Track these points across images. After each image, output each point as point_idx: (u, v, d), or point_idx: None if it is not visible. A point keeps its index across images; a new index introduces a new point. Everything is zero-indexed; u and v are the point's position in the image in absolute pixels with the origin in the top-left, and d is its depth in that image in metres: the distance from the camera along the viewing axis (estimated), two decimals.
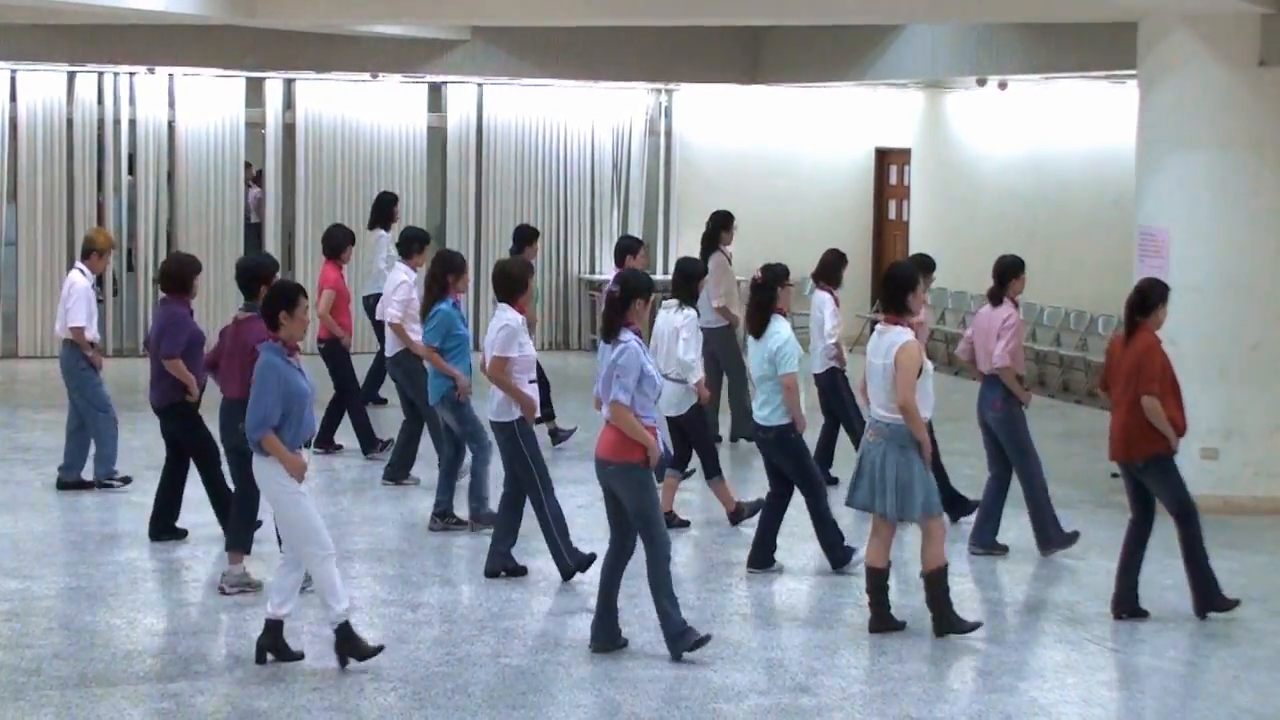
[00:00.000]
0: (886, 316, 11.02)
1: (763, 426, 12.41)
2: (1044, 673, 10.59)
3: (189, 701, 9.55)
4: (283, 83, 23.46)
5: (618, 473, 10.36)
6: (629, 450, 10.32)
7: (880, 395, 10.90)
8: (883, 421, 10.89)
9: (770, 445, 12.47)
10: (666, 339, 13.49)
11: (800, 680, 10.19)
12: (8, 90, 22.37)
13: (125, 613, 11.18)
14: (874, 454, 10.91)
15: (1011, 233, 22.58)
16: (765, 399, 12.34)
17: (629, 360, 10.29)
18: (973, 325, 13.42)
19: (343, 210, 23.36)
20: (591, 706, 9.65)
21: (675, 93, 25.13)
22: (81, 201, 22.70)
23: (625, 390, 10.26)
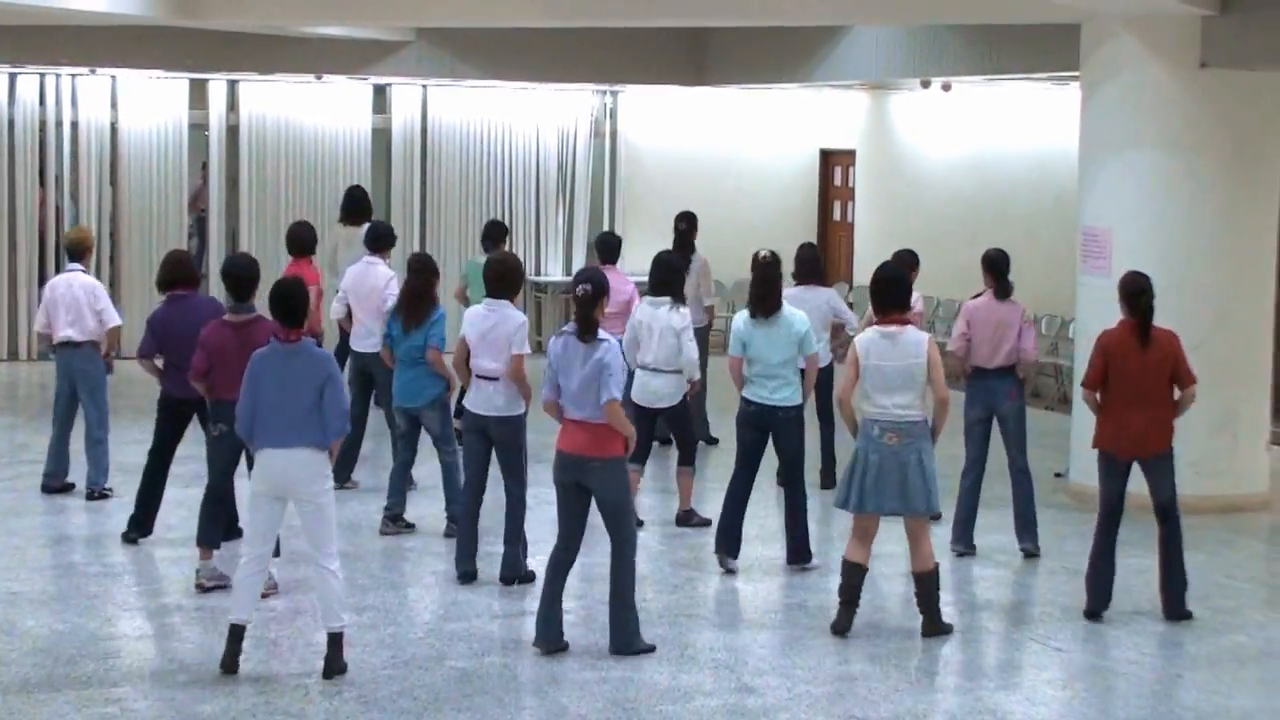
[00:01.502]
0: (891, 318, 10.99)
1: (783, 408, 12.48)
2: (989, 672, 10.63)
3: (132, 706, 9.50)
4: (226, 84, 23.37)
5: (601, 468, 10.41)
6: (612, 445, 10.42)
7: (900, 396, 10.89)
8: (905, 421, 10.89)
9: (791, 425, 12.56)
10: (657, 334, 13.51)
11: (746, 681, 10.20)
12: None
13: (69, 617, 11.11)
14: (903, 456, 10.86)
15: (956, 234, 22.70)
16: (785, 380, 12.45)
17: (616, 358, 10.44)
18: (970, 320, 13.27)
19: (287, 211, 23.30)
20: (537, 709, 9.65)
21: (620, 94, 25.16)
22: (23, 203, 22.56)
23: (619, 387, 10.39)
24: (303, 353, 10.05)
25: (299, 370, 10.00)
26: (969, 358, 13.26)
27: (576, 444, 10.47)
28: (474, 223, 24.13)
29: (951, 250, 22.55)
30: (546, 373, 10.60)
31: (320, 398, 9.97)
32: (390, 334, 13.50)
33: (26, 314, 22.41)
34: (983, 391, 13.27)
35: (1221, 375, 15.03)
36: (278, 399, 9.96)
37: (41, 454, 15.10)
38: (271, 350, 10.07)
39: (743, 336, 12.56)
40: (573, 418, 10.49)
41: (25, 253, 22.55)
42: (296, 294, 10.17)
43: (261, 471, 10.06)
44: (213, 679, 9.93)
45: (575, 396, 10.45)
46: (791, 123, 25.73)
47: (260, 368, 10.05)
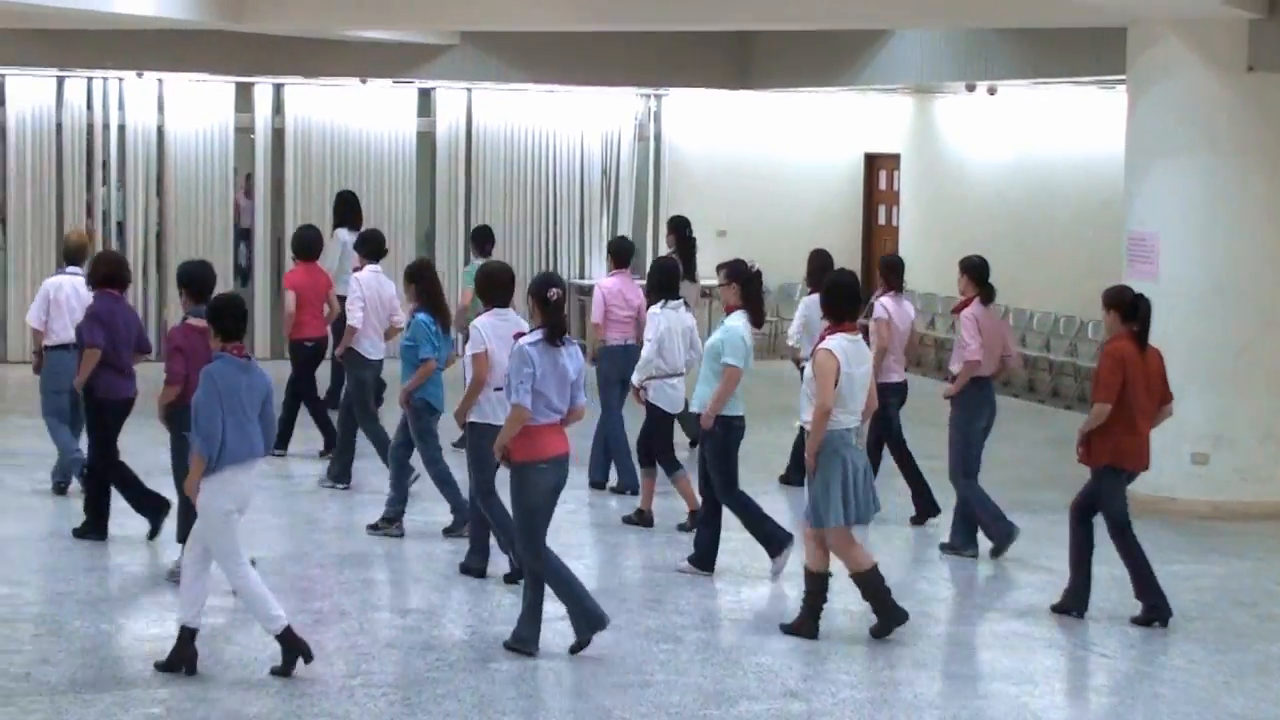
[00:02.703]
0: (850, 325, 10.91)
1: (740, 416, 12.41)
2: (1034, 678, 10.58)
3: (178, 707, 9.52)
4: (272, 87, 23.44)
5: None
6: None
7: (862, 401, 10.89)
8: (859, 428, 10.98)
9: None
10: (679, 338, 13.54)
11: (791, 686, 10.17)
12: None
13: (115, 618, 11.15)
14: (862, 461, 10.93)
15: (1001, 238, 22.61)
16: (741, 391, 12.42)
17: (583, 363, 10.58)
18: (981, 327, 13.14)
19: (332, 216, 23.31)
20: (582, 712, 9.63)
21: (664, 98, 25.15)
22: (70, 207, 22.67)
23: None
24: (254, 368, 10.05)
25: (255, 385, 9.99)
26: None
27: (563, 445, 10.49)
28: (519, 226, 24.21)
29: (996, 254, 22.45)
30: (525, 382, 10.26)
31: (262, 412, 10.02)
32: (435, 344, 13.29)
33: None
34: (985, 402, 13.20)
35: (1268, 380, 14.97)
36: (238, 415, 9.89)
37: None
38: (228, 365, 9.94)
39: (750, 347, 12.38)
40: (554, 421, 10.39)
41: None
42: (242, 306, 10.15)
43: (229, 491, 9.91)
44: (258, 681, 9.96)
45: (560, 400, 10.37)
46: (836, 126, 25.69)
47: (226, 383, 9.87)
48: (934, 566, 12.89)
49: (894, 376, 14.20)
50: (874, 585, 11.03)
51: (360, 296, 15.05)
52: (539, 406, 10.29)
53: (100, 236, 23.13)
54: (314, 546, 13.12)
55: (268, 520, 14.03)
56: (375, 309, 15.08)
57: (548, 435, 10.37)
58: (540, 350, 10.34)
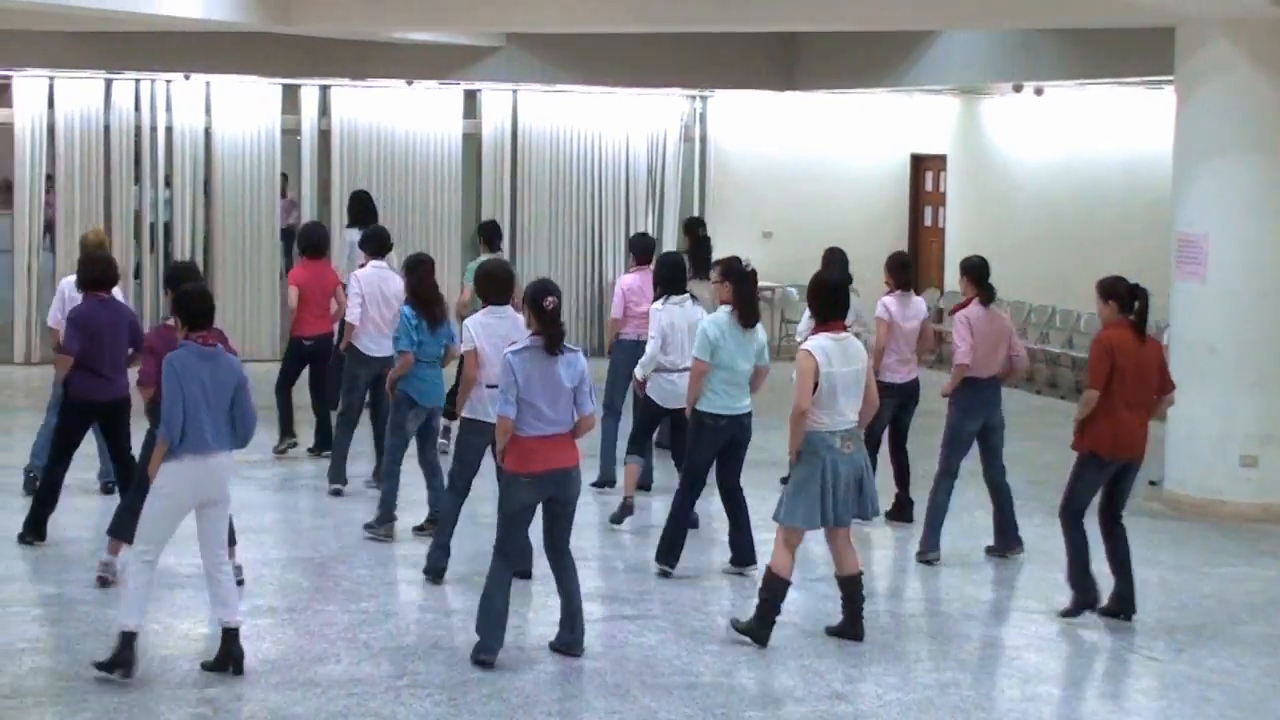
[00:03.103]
0: (839, 324, 10.82)
1: (747, 415, 12.30)
2: (1081, 681, 10.55)
3: (225, 706, 9.57)
4: (318, 89, 23.52)
5: (579, 475, 10.41)
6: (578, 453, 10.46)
7: (852, 402, 10.73)
8: (855, 426, 10.79)
9: (748, 434, 12.41)
10: (685, 333, 13.39)
11: (836, 688, 10.16)
12: (45, 97, 22.47)
13: (161, 618, 11.19)
14: (857, 461, 10.74)
15: (1048, 239, 22.58)
16: (745, 390, 12.30)
17: (588, 369, 10.36)
18: (973, 331, 12.97)
19: (380, 216, 23.40)
20: (627, 713, 9.63)
21: (710, 99, 25.14)
22: (119, 209, 22.78)
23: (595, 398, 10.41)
24: (220, 357, 10.01)
25: (218, 375, 9.95)
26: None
27: (557, 459, 10.22)
28: (564, 228, 24.23)
29: (1043, 256, 22.45)
30: (508, 391, 10.16)
31: (233, 403, 9.97)
32: (417, 339, 13.26)
33: None
34: (979, 404, 13.01)
35: None
36: (199, 404, 9.85)
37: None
38: (189, 353, 9.94)
39: (716, 342, 12.19)
40: (546, 434, 10.17)
41: (120, 256, 22.70)
42: (211, 299, 10.17)
43: (183, 477, 9.89)
44: (303, 680, 9.99)
45: (554, 411, 10.18)
46: (882, 127, 25.66)
47: (184, 371, 9.87)
48: (979, 569, 12.85)
49: (895, 376, 13.98)
50: (773, 593, 10.84)
51: (359, 293, 15.03)
52: (527, 417, 10.14)
53: (147, 240, 23.23)
54: (360, 547, 13.15)
55: (315, 521, 14.10)
56: (377, 305, 14.94)
57: (536, 448, 10.19)
58: (527, 359, 10.17)
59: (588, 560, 12.90)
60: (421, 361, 13.31)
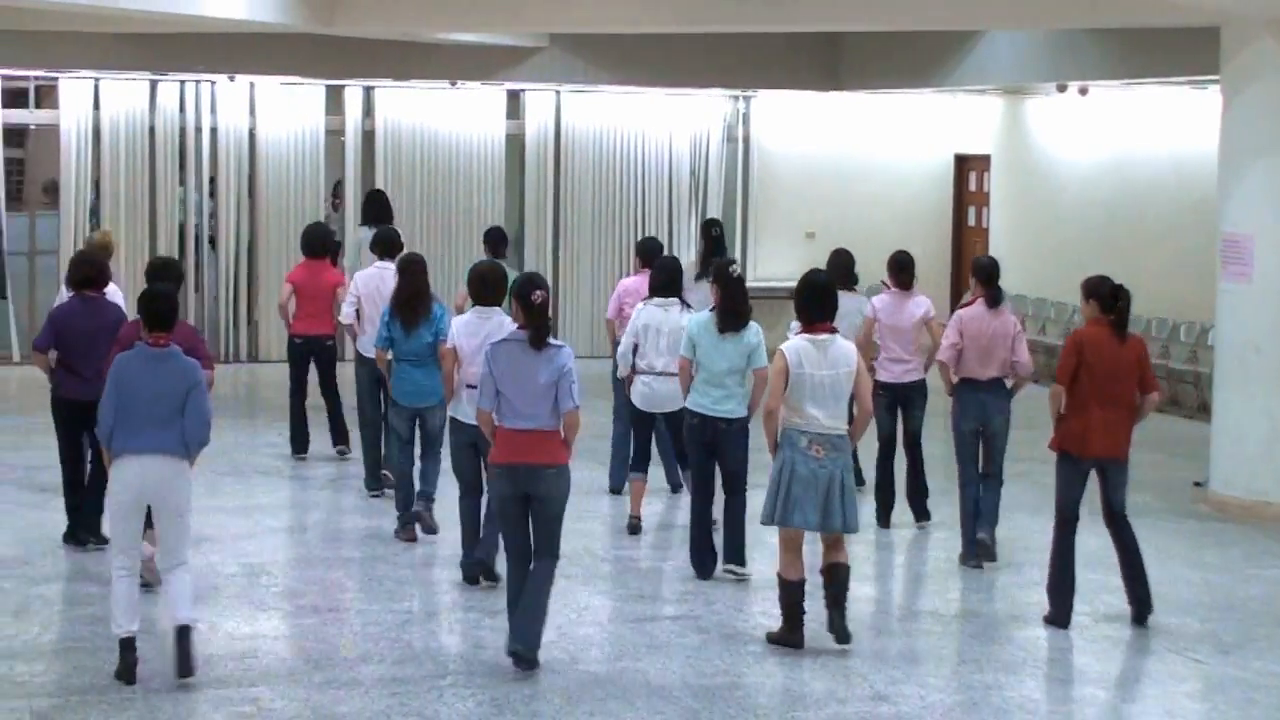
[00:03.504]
0: (823, 326, 10.66)
1: (726, 419, 12.14)
2: (1126, 683, 10.52)
3: (269, 706, 9.60)
4: (362, 90, 23.58)
5: (555, 475, 10.10)
6: (561, 451, 10.17)
7: (828, 407, 10.57)
8: (832, 434, 10.58)
9: (736, 436, 12.22)
10: (666, 336, 13.21)
11: (879, 688, 10.15)
12: (91, 99, 22.58)
13: (207, 617, 11.22)
14: (829, 469, 10.51)
15: (1092, 239, 22.48)
16: (729, 393, 12.14)
17: (575, 364, 10.19)
18: (963, 330, 12.85)
19: (421, 217, 23.54)
20: (670, 714, 9.63)
21: (754, 99, 25.12)
22: (164, 208, 22.87)
23: (580, 394, 10.16)
24: (170, 358, 9.85)
25: (165, 376, 9.80)
26: (958, 368, 12.89)
27: (528, 454, 10.05)
28: (607, 228, 24.25)
29: (1087, 256, 22.34)
30: (484, 382, 10.18)
31: (184, 406, 9.79)
32: (390, 336, 13.24)
33: None
34: (974, 404, 12.87)
35: None
36: (141, 404, 9.72)
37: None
38: (138, 353, 9.86)
39: (695, 339, 12.17)
40: (518, 427, 10.06)
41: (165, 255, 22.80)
42: (171, 299, 10.04)
43: (121, 478, 9.82)
44: (347, 680, 10.02)
45: (527, 406, 10.04)
46: (926, 128, 25.60)
47: (125, 370, 9.81)
48: (1024, 570, 12.81)
49: (885, 375, 13.79)
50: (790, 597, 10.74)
51: (356, 293, 14.98)
52: (504, 410, 10.11)
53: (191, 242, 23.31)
54: (404, 548, 13.17)
55: (360, 521, 14.11)
56: (375, 305, 14.56)
57: (508, 440, 10.11)
58: (507, 352, 10.12)
59: (633, 561, 12.91)
60: (402, 361, 13.20)
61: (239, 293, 23.22)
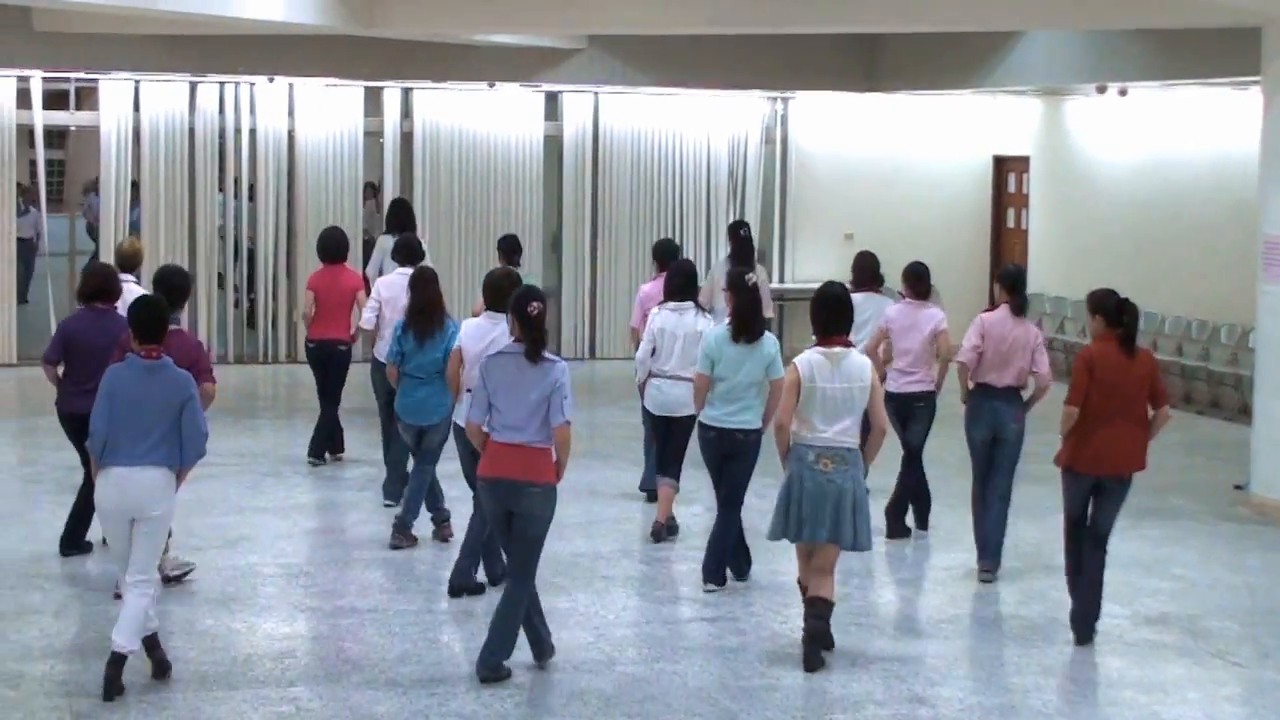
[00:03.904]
0: (838, 339, 10.49)
1: (742, 430, 11.97)
2: (1165, 686, 10.48)
3: (307, 706, 9.62)
4: (400, 92, 23.63)
5: (540, 494, 9.91)
6: (548, 470, 9.95)
7: (840, 421, 10.41)
8: (842, 448, 10.41)
9: (747, 450, 12.05)
10: (681, 340, 13.18)
11: (917, 691, 10.13)
12: (131, 100, 22.66)
13: (245, 617, 11.27)
14: (839, 484, 10.37)
15: (1132, 241, 22.43)
16: (746, 404, 11.99)
17: (568, 379, 10.02)
18: (984, 334, 12.66)
19: (460, 218, 23.57)
20: (707, 715, 9.64)
21: (792, 101, 25.11)
22: (203, 209, 22.94)
23: (572, 409, 9.96)
24: (163, 370, 9.69)
25: (159, 389, 9.67)
26: (976, 373, 12.71)
27: (512, 470, 9.89)
28: (645, 229, 24.23)
29: (1127, 258, 22.29)
30: (476, 394, 10.05)
31: (179, 418, 9.65)
32: (401, 350, 13.14)
33: (205, 315, 22.80)
34: (988, 412, 12.66)
35: None
36: (133, 416, 9.59)
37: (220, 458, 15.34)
38: (129, 365, 9.76)
39: (712, 355, 12.00)
40: (507, 441, 9.90)
41: (204, 257, 22.92)
42: (160, 311, 9.91)
43: (108, 491, 9.65)
44: (386, 680, 10.04)
45: (518, 420, 9.87)
46: (964, 129, 25.55)
47: (117, 383, 9.68)
48: (1060, 573, 12.75)
49: (890, 385, 13.50)
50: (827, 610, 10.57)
51: (378, 299, 14.94)
52: (499, 422, 9.96)
53: (231, 244, 23.40)
54: (440, 549, 13.20)
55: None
56: (396, 311, 14.33)
57: (494, 454, 9.96)
58: (501, 365, 9.99)
59: (671, 563, 12.91)
60: (409, 376, 13.09)
61: (278, 294, 23.28)
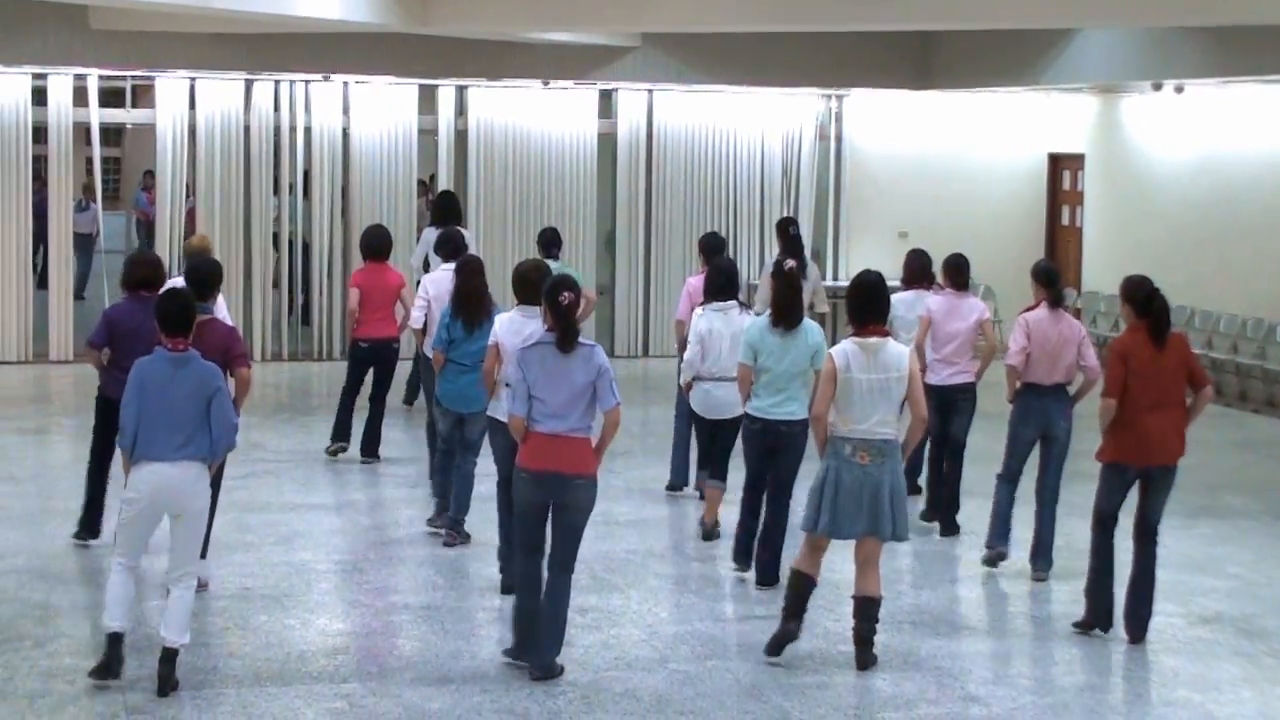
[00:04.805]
0: (873, 329, 10.37)
1: (786, 422, 11.95)
2: (1219, 685, 10.42)
3: (360, 702, 9.66)
4: (455, 90, 23.68)
5: (585, 486, 9.98)
6: (591, 461, 10.01)
7: (877, 413, 10.29)
8: (879, 440, 10.28)
9: (793, 440, 12.03)
10: (729, 340, 13.01)
11: (970, 690, 10.11)
12: (187, 98, 22.78)
13: (299, 613, 11.31)
14: (876, 476, 10.26)
15: (1187, 238, 22.31)
16: (791, 395, 11.97)
17: (608, 362, 10.08)
18: (1030, 335, 12.47)
19: (514, 215, 23.62)
20: (760, 713, 9.63)
21: (846, 98, 25.07)
22: (258, 206, 23.05)
23: (618, 391, 10.05)
24: (190, 363, 9.70)
25: (186, 381, 9.64)
26: (1025, 375, 12.55)
27: (560, 463, 9.91)
28: (699, 227, 24.16)
29: (1182, 256, 22.17)
30: (517, 388, 10.05)
31: (207, 411, 9.65)
32: (450, 338, 13.06)
33: (260, 312, 22.90)
34: (1039, 411, 12.53)
35: None
36: (163, 410, 9.58)
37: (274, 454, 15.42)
38: (156, 358, 9.74)
39: (755, 344, 11.99)
40: (550, 431, 9.92)
41: (260, 255, 23.03)
42: (186, 303, 9.92)
43: (143, 486, 9.64)
44: (438, 677, 10.07)
45: (560, 408, 9.90)
46: (1019, 126, 25.46)
47: (146, 377, 9.66)
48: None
49: (933, 378, 13.55)
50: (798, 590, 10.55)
51: (426, 297, 14.83)
52: (538, 413, 9.96)
53: (286, 241, 23.49)
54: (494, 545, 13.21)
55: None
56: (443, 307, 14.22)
57: (540, 445, 9.96)
58: (538, 355, 10.00)
59: (722, 561, 12.89)
60: (454, 363, 13.03)
61: (332, 291, 23.35)
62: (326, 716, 9.48)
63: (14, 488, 15.17)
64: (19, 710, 9.39)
